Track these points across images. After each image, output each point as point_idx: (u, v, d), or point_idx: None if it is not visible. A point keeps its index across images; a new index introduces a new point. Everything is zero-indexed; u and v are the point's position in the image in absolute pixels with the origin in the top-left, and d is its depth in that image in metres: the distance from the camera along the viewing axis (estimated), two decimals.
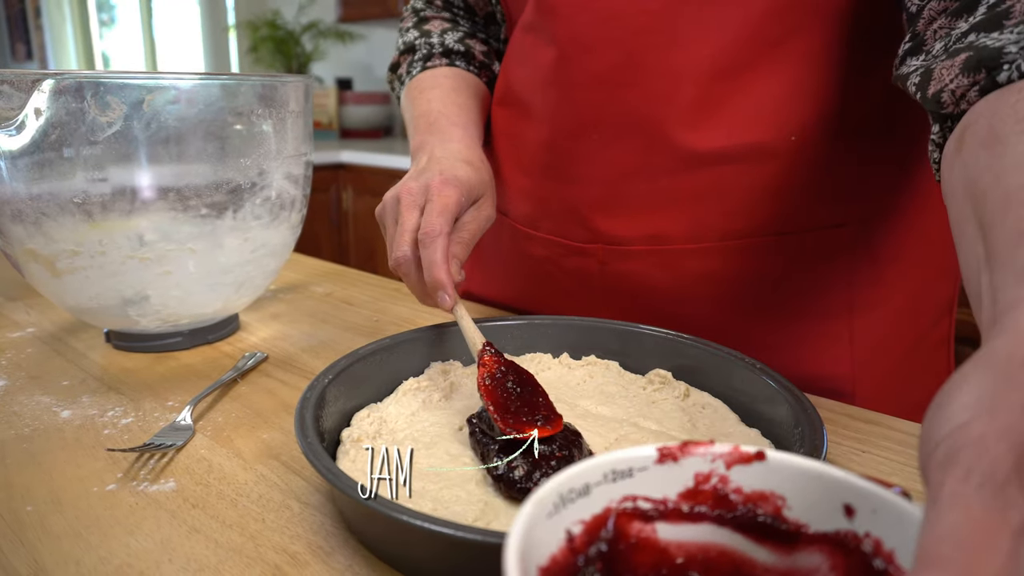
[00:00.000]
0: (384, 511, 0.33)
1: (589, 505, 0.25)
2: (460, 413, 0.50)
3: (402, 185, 0.56)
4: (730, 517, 0.27)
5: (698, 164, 0.57)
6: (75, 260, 0.57)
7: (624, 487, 0.26)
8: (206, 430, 0.51)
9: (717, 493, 0.26)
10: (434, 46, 0.74)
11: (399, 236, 0.53)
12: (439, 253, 0.50)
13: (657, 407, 0.50)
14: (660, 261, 0.61)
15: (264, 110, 0.61)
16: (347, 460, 0.43)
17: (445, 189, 0.54)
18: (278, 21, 3.40)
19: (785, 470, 0.26)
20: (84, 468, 0.45)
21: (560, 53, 0.59)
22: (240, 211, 0.61)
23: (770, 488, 0.26)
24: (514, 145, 0.69)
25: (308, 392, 0.45)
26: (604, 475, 0.25)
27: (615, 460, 0.25)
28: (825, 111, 0.56)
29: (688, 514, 0.27)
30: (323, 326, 0.74)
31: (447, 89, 0.70)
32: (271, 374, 0.61)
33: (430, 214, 0.52)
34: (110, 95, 0.53)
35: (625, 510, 0.26)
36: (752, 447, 0.26)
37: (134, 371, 0.61)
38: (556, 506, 0.24)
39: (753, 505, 0.26)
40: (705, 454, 0.26)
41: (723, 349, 0.51)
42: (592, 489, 0.25)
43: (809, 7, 0.53)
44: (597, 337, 0.57)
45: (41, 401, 0.55)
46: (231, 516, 0.40)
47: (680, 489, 0.27)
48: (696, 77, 0.55)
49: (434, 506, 0.38)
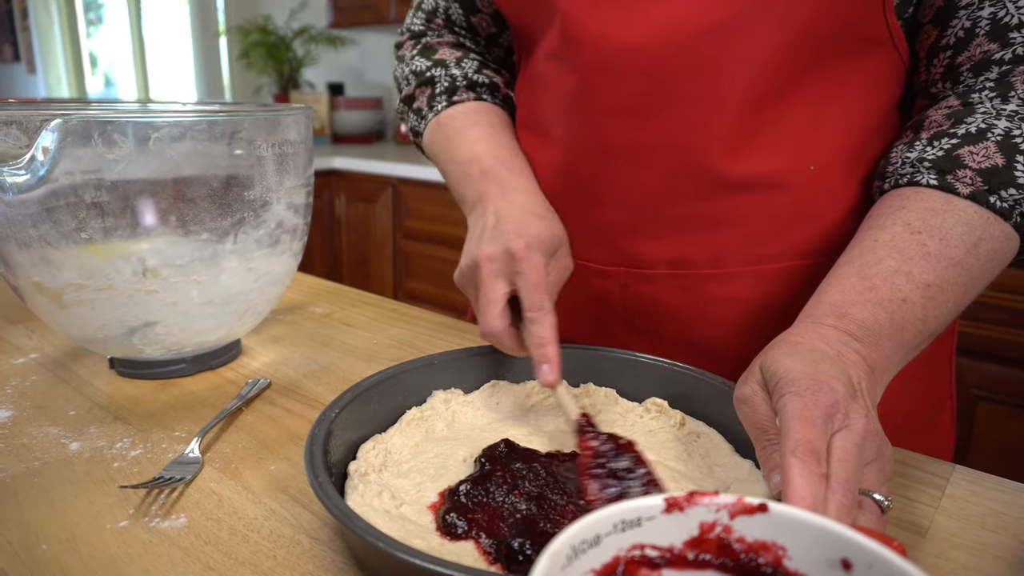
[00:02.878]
0: (394, 552, 0.34)
1: (599, 555, 0.27)
2: (463, 443, 0.51)
3: (479, 250, 0.55)
4: (732, 565, 0.28)
5: (724, 190, 0.58)
6: (82, 293, 0.58)
7: (632, 536, 0.28)
8: (214, 462, 0.52)
9: (721, 542, 0.28)
10: (456, 78, 0.72)
11: (486, 309, 0.53)
12: (548, 330, 0.52)
13: (655, 436, 0.52)
14: (682, 285, 0.63)
15: (266, 142, 0.62)
16: (356, 495, 0.44)
17: (532, 256, 0.54)
18: (269, 26, 3.39)
19: (786, 522, 0.27)
20: (96, 504, 0.46)
21: (583, 80, 0.60)
22: (241, 239, 0.62)
23: (771, 538, 0.28)
24: (533, 168, 0.69)
25: (316, 428, 0.46)
26: (614, 525, 0.27)
27: (624, 510, 0.27)
28: (845, 142, 0.58)
29: (693, 561, 0.28)
30: (324, 349, 0.75)
31: (487, 128, 0.68)
32: (275, 401, 0.62)
33: (533, 290, 0.53)
34: (116, 133, 0.54)
35: (633, 558, 0.28)
36: (756, 499, 0.28)
37: (139, 399, 0.62)
38: (569, 558, 0.25)
39: (755, 554, 0.28)
40: (710, 504, 0.28)
41: (717, 379, 0.52)
42: (602, 539, 0.27)
43: (827, 43, 0.55)
44: (595, 365, 0.59)
45: (49, 433, 0.56)
46: (243, 553, 0.42)
47: (686, 537, 0.28)
48: (729, 106, 0.56)
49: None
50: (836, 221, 0.60)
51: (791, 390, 0.39)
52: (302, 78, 3.51)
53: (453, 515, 0.41)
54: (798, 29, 0.54)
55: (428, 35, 0.79)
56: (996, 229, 0.50)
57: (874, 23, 0.55)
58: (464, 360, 0.59)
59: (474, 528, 0.41)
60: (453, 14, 0.77)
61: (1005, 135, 0.51)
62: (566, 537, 0.25)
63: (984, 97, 0.53)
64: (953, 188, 0.50)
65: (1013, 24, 0.52)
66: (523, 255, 0.53)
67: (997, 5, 0.52)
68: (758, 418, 0.41)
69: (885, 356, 0.45)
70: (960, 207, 0.50)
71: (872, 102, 0.58)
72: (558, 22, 0.60)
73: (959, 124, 0.53)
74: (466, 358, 0.59)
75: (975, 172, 0.50)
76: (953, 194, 0.50)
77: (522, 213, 0.58)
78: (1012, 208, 0.50)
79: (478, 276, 0.55)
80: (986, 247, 0.49)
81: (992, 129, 0.51)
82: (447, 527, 0.41)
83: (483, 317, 0.54)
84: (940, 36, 0.56)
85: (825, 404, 0.38)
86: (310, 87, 3.56)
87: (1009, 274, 1.46)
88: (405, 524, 0.41)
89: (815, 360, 0.41)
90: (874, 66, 0.57)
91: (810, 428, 0.36)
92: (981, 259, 0.49)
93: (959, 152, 0.51)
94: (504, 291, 0.54)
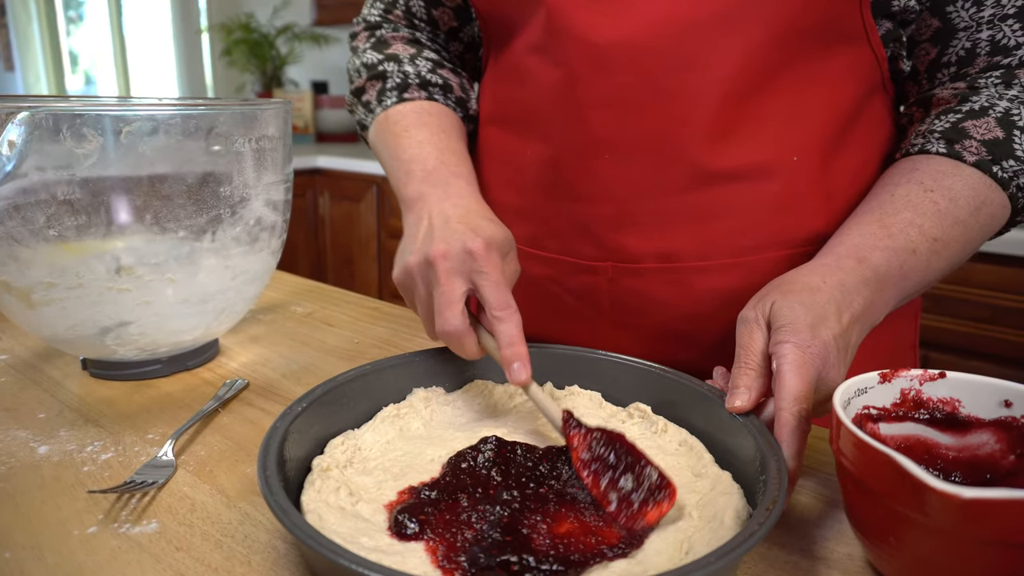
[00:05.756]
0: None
1: (852, 411, 0.42)
2: (435, 443, 0.50)
3: (430, 248, 0.53)
4: (924, 417, 0.43)
5: (710, 182, 0.59)
6: (51, 292, 0.56)
7: (863, 399, 0.43)
8: (188, 465, 0.51)
9: (915, 400, 0.44)
10: (409, 75, 0.71)
11: (446, 307, 0.51)
12: (516, 328, 0.50)
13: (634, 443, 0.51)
14: (669, 278, 0.63)
15: (243, 137, 0.61)
16: (312, 490, 0.42)
17: (492, 255, 0.52)
18: (252, 24, 3.35)
19: (961, 382, 0.43)
20: (64, 509, 0.45)
21: (570, 74, 0.60)
22: (219, 237, 0.61)
23: (950, 395, 0.43)
24: (509, 165, 0.69)
25: (279, 421, 0.44)
26: (856, 390, 0.42)
27: (859, 381, 0.43)
28: (824, 132, 0.59)
29: (897, 416, 0.44)
30: (304, 349, 0.73)
31: (435, 130, 0.67)
32: (252, 403, 0.61)
33: (497, 288, 0.51)
34: (86, 127, 0.52)
35: (862, 414, 0.43)
36: (936, 371, 0.43)
37: (112, 401, 0.61)
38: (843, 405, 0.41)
39: (939, 406, 0.43)
40: (906, 376, 0.44)
41: (705, 385, 0.51)
42: (852, 401, 0.42)
43: (808, 37, 0.56)
44: (580, 367, 0.57)
45: (17, 436, 0.54)
46: (216, 559, 0.40)
47: (892, 399, 0.44)
48: (714, 98, 0.56)
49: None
50: (817, 211, 0.61)
51: (794, 340, 0.46)
52: (285, 76, 3.47)
53: (405, 515, 0.40)
54: (783, 23, 0.55)
55: (384, 27, 0.77)
56: (996, 196, 0.55)
57: (851, 20, 0.56)
58: (446, 358, 0.58)
59: (426, 529, 0.39)
60: (414, 6, 0.76)
61: (1005, 113, 0.56)
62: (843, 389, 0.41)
63: (989, 83, 0.58)
64: (960, 156, 0.55)
65: (1012, 45, 0.56)
66: (482, 254, 0.52)
67: (994, 28, 0.56)
68: (750, 343, 0.48)
69: (885, 300, 0.52)
70: (967, 172, 0.55)
71: (847, 94, 0.60)
72: (542, 14, 0.60)
73: (964, 102, 0.58)
74: (449, 356, 0.58)
75: (979, 143, 0.55)
76: (960, 161, 0.55)
77: (470, 215, 0.56)
78: (1011, 179, 0.55)
79: (432, 275, 0.52)
80: (986, 211, 0.55)
81: (993, 108, 0.56)
82: (398, 527, 0.40)
83: (442, 317, 0.51)
84: (941, 54, 0.60)
85: (819, 363, 0.46)
86: (294, 85, 3.53)
87: (991, 271, 1.47)
88: (357, 522, 0.40)
89: (824, 315, 0.47)
90: (849, 60, 0.59)
91: (805, 384, 0.44)
92: (980, 221, 0.55)
93: (964, 125, 0.56)
94: (463, 289, 0.52)
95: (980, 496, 0.30)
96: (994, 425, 0.42)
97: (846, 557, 0.41)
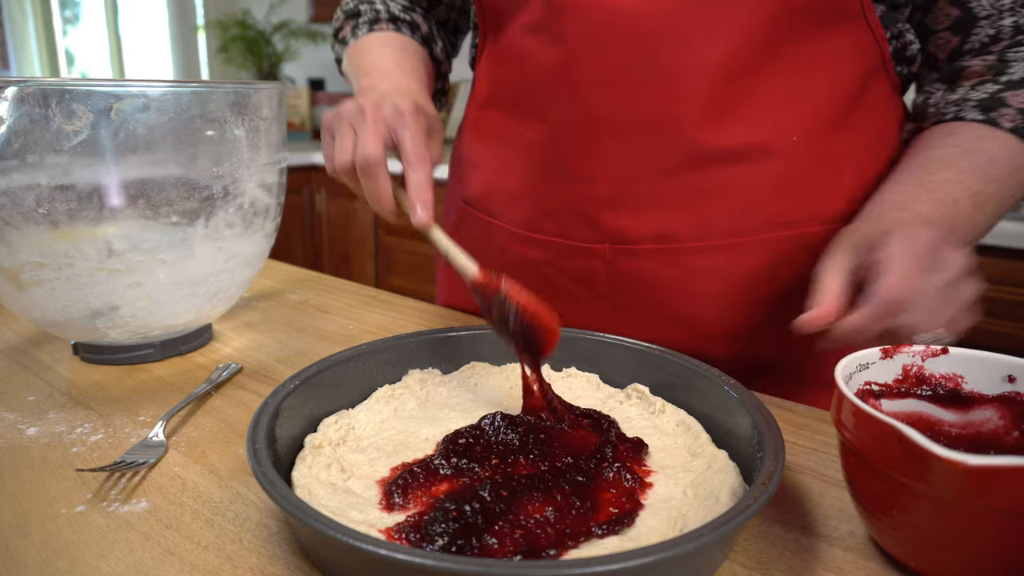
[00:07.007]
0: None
1: (853, 386, 0.41)
2: (430, 423, 0.49)
3: (365, 101, 0.55)
4: (925, 393, 0.43)
5: (707, 162, 0.58)
6: (40, 272, 0.56)
7: (865, 375, 0.42)
8: (179, 446, 0.50)
9: (917, 376, 0.43)
10: (380, 12, 0.76)
11: (368, 136, 0.53)
12: (425, 176, 0.53)
13: (631, 423, 0.50)
14: (667, 259, 0.62)
15: (236, 118, 0.60)
16: (303, 466, 0.42)
17: (419, 117, 0.55)
18: (248, 21, 3.35)
19: (963, 358, 0.42)
20: (52, 489, 0.44)
21: (569, 52, 0.59)
22: (212, 220, 0.60)
23: (952, 371, 0.42)
24: (507, 147, 0.69)
25: (270, 398, 0.44)
26: (858, 365, 0.41)
27: (860, 356, 0.42)
28: (824, 113, 0.59)
29: (899, 392, 0.43)
30: (298, 335, 0.72)
31: (397, 48, 0.72)
32: (246, 386, 0.60)
33: (412, 140, 0.53)
34: (76, 103, 0.51)
35: (863, 389, 0.42)
36: (938, 345, 0.42)
37: (103, 385, 0.60)
38: (846, 379, 0.39)
39: (941, 382, 0.43)
40: (908, 351, 0.43)
41: (703, 365, 0.51)
42: (853, 376, 0.41)
43: (805, 16, 0.56)
44: (578, 348, 0.57)
45: (5, 418, 0.53)
46: (207, 537, 0.40)
47: (894, 376, 0.43)
48: (711, 77, 0.56)
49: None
50: (818, 191, 0.60)
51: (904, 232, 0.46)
52: (282, 73, 3.47)
53: (396, 489, 0.40)
54: (781, 1, 0.55)
55: None
56: None
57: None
58: (443, 341, 0.57)
59: (415, 505, 0.39)
60: None
61: None
62: (844, 363, 0.40)
63: (1020, 56, 0.58)
64: (996, 122, 0.56)
65: None
66: (410, 112, 0.55)
67: (1017, 15, 0.57)
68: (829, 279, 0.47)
69: None
70: (1003, 137, 0.55)
71: (847, 74, 0.59)
72: None
73: (1001, 74, 0.58)
74: (445, 338, 0.57)
75: (1016, 111, 0.56)
76: (996, 127, 0.56)
77: (408, 93, 0.59)
78: None
79: (360, 118, 0.54)
80: (1022, 174, 0.56)
81: None
82: (389, 501, 0.39)
83: (363, 143, 0.53)
84: (963, 42, 0.60)
85: (927, 241, 0.46)
86: (290, 82, 3.52)
87: (989, 264, 1.47)
88: (348, 497, 0.40)
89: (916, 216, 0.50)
90: (848, 40, 0.58)
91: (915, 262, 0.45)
92: (1018, 182, 0.56)
93: (1004, 95, 0.57)
94: (386, 132, 0.54)
95: (985, 463, 0.30)
96: (998, 401, 0.41)
97: (848, 535, 0.41)
